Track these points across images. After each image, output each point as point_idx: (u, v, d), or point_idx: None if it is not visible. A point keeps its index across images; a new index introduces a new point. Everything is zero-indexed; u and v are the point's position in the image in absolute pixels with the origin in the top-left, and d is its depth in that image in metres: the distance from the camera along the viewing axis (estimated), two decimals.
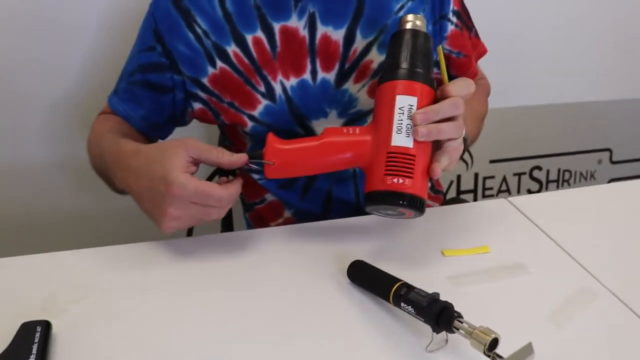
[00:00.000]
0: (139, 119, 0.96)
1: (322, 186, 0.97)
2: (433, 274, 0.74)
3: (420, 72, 0.74)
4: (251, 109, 0.91)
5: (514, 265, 0.77)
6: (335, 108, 0.92)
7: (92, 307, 0.69)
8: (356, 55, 0.90)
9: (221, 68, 0.90)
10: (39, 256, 0.77)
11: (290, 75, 0.90)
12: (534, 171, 1.86)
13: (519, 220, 0.88)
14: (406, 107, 0.72)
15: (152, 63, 0.92)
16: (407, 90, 0.73)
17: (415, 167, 0.70)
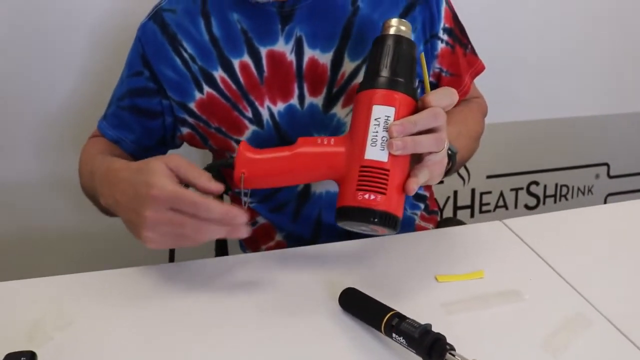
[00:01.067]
0: (129, 142, 0.96)
1: (311, 212, 0.96)
2: (426, 300, 0.73)
3: (401, 81, 0.70)
4: (239, 134, 0.90)
5: (509, 291, 0.75)
6: (324, 132, 0.90)
7: (78, 334, 0.68)
8: (344, 78, 0.89)
9: (208, 93, 0.89)
10: (25, 282, 0.76)
11: (278, 100, 0.89)
12: (531, 186, 1.85)
13: (514, 243, 0.87)
14: (382, 118, 0.68)
15: (140, 88, 0.92)
16: (385, 100, 0.69)
17: (389, 183, 0.66)
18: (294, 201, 0.96)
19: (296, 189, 0.95)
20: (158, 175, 0.68)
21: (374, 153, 0.67)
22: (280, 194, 0.96)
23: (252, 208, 0.99)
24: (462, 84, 0.99)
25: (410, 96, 0.69)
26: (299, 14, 0.87)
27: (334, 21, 0.88)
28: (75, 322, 0.69)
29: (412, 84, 0.71)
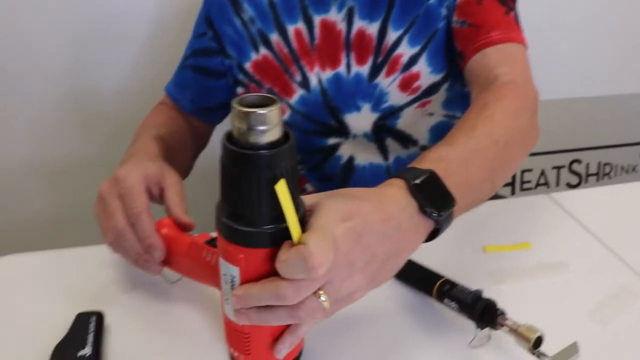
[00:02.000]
0: (187, 101, 1.01)
1: (357, 183, 0.99)
2: (475, 269, 0.75)
3: (247, 230, 0.49)
4: (288, 97, 0.94)
5: (556, 263, 0.77)
6: (368, 102, 0.93)
7: (141, 298, 0.71)
8: (387, 48, 0.91)
9: (263, 54, 0.94)
10: (91, 248, 0.79)
11: (327, 67, 0.92)
12: (574, 164, 1.83)
13: (560, 216, 0.88)
14: (229, 276, 0.52)
15: (204, 48, 0.98)
16: (226, 255, 0.51)
17: (251, 344, 0.55)
18: (340, 172, 0.99)
19: (340, 162, 0.98)
20: (131, 167, 0.70)
21: (229, 312, 0.54)
22: (326, 165, 0.99)
23: (302, 175, 1.03)
24: (482, 35, 0.83)
25: (264, 245, 0.49)
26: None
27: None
28: (139, 287, 0.73)
29: (270, 220, 0.49)
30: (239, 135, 0.47)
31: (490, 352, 0.62)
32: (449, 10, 0.88)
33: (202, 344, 0.64)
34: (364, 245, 0.50)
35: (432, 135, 0.98)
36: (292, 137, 0.49)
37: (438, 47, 0.90)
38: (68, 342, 0.60)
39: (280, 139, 0.48)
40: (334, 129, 0.95)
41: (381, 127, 0.95)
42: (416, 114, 0.94)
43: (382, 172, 0.99)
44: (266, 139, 0.47)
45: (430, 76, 0.91)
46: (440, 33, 0.89)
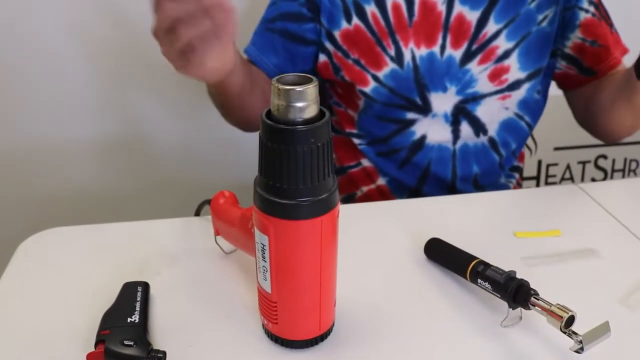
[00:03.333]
0: (271, 65, 0.98)
1: (422, 161, 1.01)
2: (506, 254, 0.76)
3: (281, 202, 0.52)
4: (377, 69, 0.95)
5: (585, 249, 0.78)
6: (456, 85, 0.95)
7: (182, 271, 0.74)
8: (485, 38, 0.94)
9: (356, 25, 0.94)
10: (133, 224, 0.83)
11: (422, 45, 0.94)
12: (599, 160, 1.83)
13: (589, 205, 0.89)
14: (260, 244, 0.56)
15: (293, 13, 0.96)
16: (259, 225, 0.56)
17: (278, 313, 0.59)
18: (407, 148, 1.00)
19: (412, 137, 0.99)
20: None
21: (261, 279, 0.59)
22: (396, 138, 1.00)
23: (359, 149, 1.04)
24: (611, 57, 1.00)
25: (294, 217, 0.53)
26: None
27: None
28: (180, 260, 0.76)
29: (304, 193, 0.52)
30: (278, 112, 0.51)
31: (522, 332, 0.63)
32: (551, 22, 0.96)
33: (240, 312, 0.67)
34: None
35: (501, 129, 1.01)
36: (328, 115, 0.52)
37: (530, 47, 0.96)
38: (117, 309, 0.63)
39: (316, 116, 0.51)
40: (416, 105, 0.97)
41: (461, 110, 0.97)
42: (495, 105, 0.98)
43: (448, 156, 1.00)
44: (303, 116, 0.50)
45: (517, 72, 0.96)
46: (533, 35, 0.95)
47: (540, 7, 0.95)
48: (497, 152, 1.02)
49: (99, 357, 0.58)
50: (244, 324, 0.65)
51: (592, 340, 0.56)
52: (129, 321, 0.61)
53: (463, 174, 1.01)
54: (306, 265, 0.56)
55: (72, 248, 0.79)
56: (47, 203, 1.49)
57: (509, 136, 1.03)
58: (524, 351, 0.61)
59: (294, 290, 0.58)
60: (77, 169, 1.49)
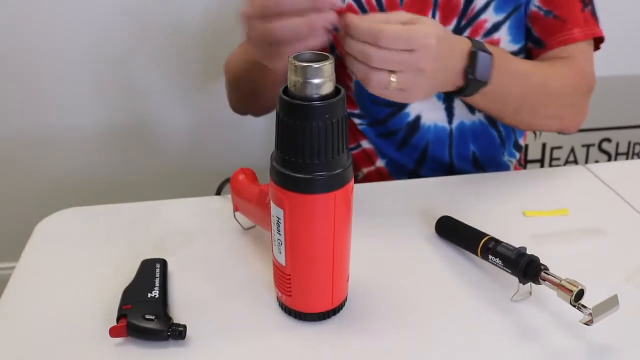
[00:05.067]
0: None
1: (419, 142, 1.01)
2: (515, 232, 0.77)
3: (297, 176, 0.54)
4: None
5: (593, 228, 0.80)
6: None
7: (199, 248, 0.76)
8: (474, 12, 0.93)
9: (348, 3, 0.94)
10: (151, 203, 0.84)
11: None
12: (603, 143, 1.84)
13: (597, 186, 0.90)
14: (275, 217, 0.58)
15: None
16: (275, 198, 0.57)
17: (292, 286, 0.61)
18: (404, 130, 1.01)
19: (407, 119, 1.00)
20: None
21: (276, 252, 0.61)
22: (391, 121, 1.00)
23: (359, 130, 1.04)
24: (565, 32, 0.93)
25: (309, 191, 0.54)
26: None
27: None
28: (196, 238, 0.77)
29: (319, 168, 0.54)
30: (295, 88, 0.53)
31: (532, 306, 0.65)
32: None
33: (256, 286, 0.69)
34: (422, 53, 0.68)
35: None
36: (343, 91, 0.54)
37: (519, 19, 0.94)
38: (137, 285, 0.65)
39: (332, 93, 0.53)
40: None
41: None
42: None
43: (445, 136, 1.01)
44: (319, 92, 0.52)
45: (508, 45, 0.95)
46: (522, 8, 0.94)
47: None
48: (496, 128, 1.02)
49: (121, 331, 0.59)
50: (260, 297, 0.67)
51: (601, 312, 0.57)
52: (149, 296, 0.63)
53: (460, 153, 1.02)
54: (320, 239, 0.58)
55: (90, 227, 0.80)
56: (61, 188, 1.51)
57: None
58: (534, 325, 0.63)
59: (308, 263, 0.60)
60: (89, 156, 1.51)
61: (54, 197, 1.49)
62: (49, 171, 1.51)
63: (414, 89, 0.70)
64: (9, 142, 1.46)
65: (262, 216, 0.67)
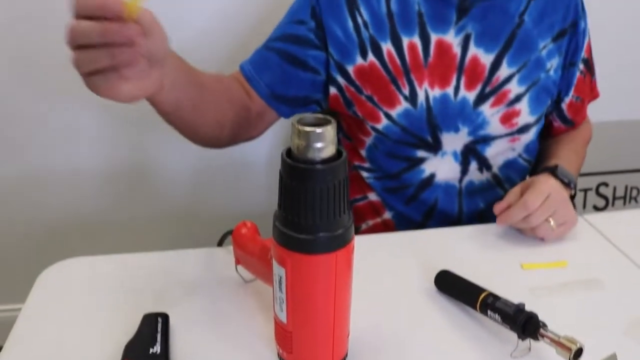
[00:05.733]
0: (263, 84, 0.96)
1: (428, 198, 1.02)
2: (513, 285, 0.78)
3: (299, 237, 0.55)
4: (390, 107, 0.96)
5: (591, 281, 0.80)
6: (468, 126, 0.97)
7: (202, 302, 0.76)
8: (499, 81, 0.96)
9: (371, 62, 0.95)
10: (154, 254, 0.85)
11: (436, 85, 0.95)
12: (600, 187, 1.85)
13: (595, 237, 0.91)
14: (277, 276, 0.59)
15: (298, 36, 0.95)
16: (277, 257, 0.59)
17: (293, 343, 0.62)
18: (415, 186, 1.02)
19: (421, 175, 1.01)
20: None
21: (277, 309, 0.62)
22: (406, 175, 1.02)
23: (367, 183, 1.05)
24: (585, 108, 1.10)
25: (311, 251, 0.56)
26: (474, 12, 0.94)
27: (502, 27, 0.96)
28: (199, 291, 0.78)
29: (320, 229, 0.55)
30: (298, 151, 0.54)
31: None
32: (556, 70, 1.01)
33: (257, 342, 0.69)
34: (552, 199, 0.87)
35: (504, 167, 1.05)
36: (344, 154, 0.55)
37: (539, 92, 0.99)
38: (138, 341, 0.65)
39: (334, 155, 0.55)
40: (427, 144, 0.98)
41: (471, 150, 1.00)
42: (504, 146, 1.01)
43: (454, 193, 1.03)
44: (322, 155, 0.54)
45: (527, 116, 0.99)
46: (541, 82, 0.99)
47: (550, 54, 0.99)
48: (502, 187, 1.05)
49: None
50: (261, 353, 0.67)
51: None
52: (150, 352, 0.63)
53: (469, 209, 1.04)
54: (321, 298, 0.59)
55: (92, 278, 0.81)
56: (61, 232, 1.52)
57: (512, 172, 1.06)
58: None
59: (309, 321, 0.60)
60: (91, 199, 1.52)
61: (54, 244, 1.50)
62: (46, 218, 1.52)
63: (569, 215, 0.89)
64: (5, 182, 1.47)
65: (264, 271, 0.68)
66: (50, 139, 1.44)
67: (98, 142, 1.47)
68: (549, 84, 1.00)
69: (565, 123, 1.10)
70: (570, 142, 1.10)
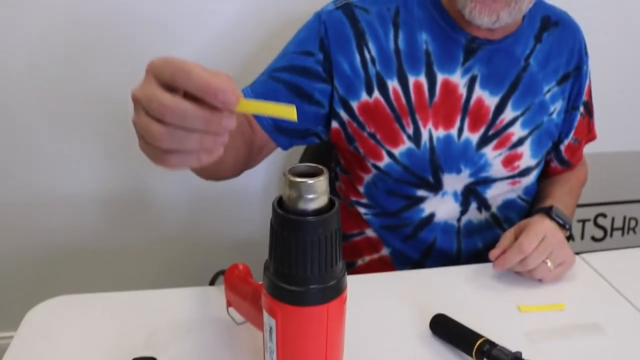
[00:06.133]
0: (268, 118, 0.92)
1: (427, 236, 1.01)
2: (510, 328, 0.77)
3: (290, 288, 0.54)
4: (393, 146, 0.94)
5: (590, 325, 0.79)
6: (470, 168, 0.96)
7: (193, 342, 0.74)
8: (502, 124, 0.95)
9: (376, 99, 0.93)
10: (143, 292, 0.83)
11: (440, 126, 0.94)
12: (599, 218, 1.84)
13: (593, 278, 0.90)
14: (268, 326, 0.58)
15: (306, 68, 0.93)
16: (268, 308, 0.57)
17: None
18: (413, 224, 1.01)
19: (420, 214, 1.00)
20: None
21: (268, 359, 0.60)
22: (404, 214, 1.00)
23: (364, 219, 1.04)
24: (581, 149, 1.11)
25: (302, 303, 0.54)
26: (481, 54, 0.94)
27: (507, 70, 0.95)
28: (190, 331, 0.76)
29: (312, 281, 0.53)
30: (289, 202, 0.52)
31: None
32: (558, 114, 1.01)
33: None
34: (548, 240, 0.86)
35: (503, 207, 1.04)
36: (337, 204, 0.54)
37: (541, 136, 0.99)
38: None
39: (326, 206, 0.53)
40: (428, 184, 0.97)
41: (471, 191, 0.99)
42: (504, 188, 1.00)
43: (453, 232, 1.01)
44: (313, 206, 0.52)
45: (529, 159, 0.99)
46: (544, 125, 0.99)
47: (553, 98, 0.99)
48: (500, 227, 1.04)
49: None
50: None
51: None
52: None
53: (467, 249, 1.03)
54: (312, 349, 0.57)
55: (80, 318, 0.79)
56: (53, 262, 1.50)
57: (511, 212, 1.05)
58: None
59: None
60: (87, 224, 1.50)
61: (43, 275, 1.48)
62: (34, 247, 1.50)
63: (566, 255, 0.88)
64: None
65: (255, 315, 0.66)
66: (44, 165, 1.42)
67: (94, 170, 1.45)
68: (552, 128, 1.00)
69: (561, 164, 1.10)
70: (566, 183, 1.10)
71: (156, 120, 0.49)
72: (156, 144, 0.50)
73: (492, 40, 0.94)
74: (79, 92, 1.36)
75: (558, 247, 0.86)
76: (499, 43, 0.94)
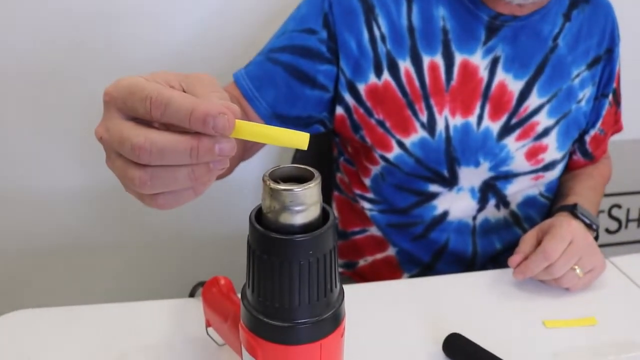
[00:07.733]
0: (264, 104, 0.83)
1: (439, 237, 0.91)
2: (534, 348, 0.67)
3: (272, 324, 0.42)
4: (404, 135, 0.84)
5: (624, 341, 0.69)
6: (490, 161, 0.86)
7: None
8: (527, 112, 0.85)
9: (386, 81, 0.82)
10: (110, 306, 0.73)
11: (457, 113, 0.83)
12: (613, 209, 1.77)
13: (624, 283, 0.80)
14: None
15: (308, 48, 0.82)
16: (246, 344, 0.46)
17: None
18: (424, 223, 0.90)
19: (433, 212, 0.89)
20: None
21: None
22: (414, 211, 0.90)
23: (368, 216, 0.93)
24: (605, 142, 1.00)
25: (288, 342, 0.43)
26: (506, 32, 0.83)
27: (534, 51, 0.85)
28: (165, 352, 0.66)
29: (300, 315, 0.42)
30: (271, 215, 0.41)
31: None
32: (587, 101, 0.90)
33: None
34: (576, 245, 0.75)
35: (523, 205, 0.93)
36: (332, 217, 0.42)
37: (568, 126, 0.88)
38: None
39: (318, 219, 0.41)
40: (442, 178, 0.86)
41: (490, 187, 0.88)
42: (526, 184, 0.90)
43: (468, 232, 0.91)
44: (302, 221, 0.40)
45: (554, 152, 0.88)
46: (572, 114, 0.88)
47: (583, 83, 0.88)
48: (520, 226, 0.94)
49: None
50: None
51: None
52: None
53: (484, 250, 0.92)
54: None
55: (39, 336, 0.69)
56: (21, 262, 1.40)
57: (531, 210, 0.94)
58: None
59: None
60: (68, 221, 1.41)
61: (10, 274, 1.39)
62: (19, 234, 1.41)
63: (596, 260, 0.77)
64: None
65: (237, 340, 0.56)
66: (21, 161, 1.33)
67: (76, 165, 1.36)
68: (579, 117, 0.89)
69: (584, 156, 0.99)
70: (589, 179, 0.98)
71: (133, 163, 0.40)
72: (139, 190, 0.41)
73: (517, 16, 0.82)
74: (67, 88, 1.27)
75: (587, 252, 0.76)
76: (525, 20, 0.83)
